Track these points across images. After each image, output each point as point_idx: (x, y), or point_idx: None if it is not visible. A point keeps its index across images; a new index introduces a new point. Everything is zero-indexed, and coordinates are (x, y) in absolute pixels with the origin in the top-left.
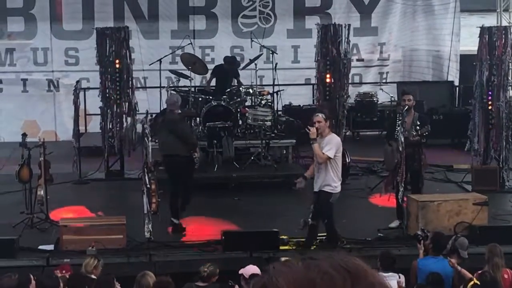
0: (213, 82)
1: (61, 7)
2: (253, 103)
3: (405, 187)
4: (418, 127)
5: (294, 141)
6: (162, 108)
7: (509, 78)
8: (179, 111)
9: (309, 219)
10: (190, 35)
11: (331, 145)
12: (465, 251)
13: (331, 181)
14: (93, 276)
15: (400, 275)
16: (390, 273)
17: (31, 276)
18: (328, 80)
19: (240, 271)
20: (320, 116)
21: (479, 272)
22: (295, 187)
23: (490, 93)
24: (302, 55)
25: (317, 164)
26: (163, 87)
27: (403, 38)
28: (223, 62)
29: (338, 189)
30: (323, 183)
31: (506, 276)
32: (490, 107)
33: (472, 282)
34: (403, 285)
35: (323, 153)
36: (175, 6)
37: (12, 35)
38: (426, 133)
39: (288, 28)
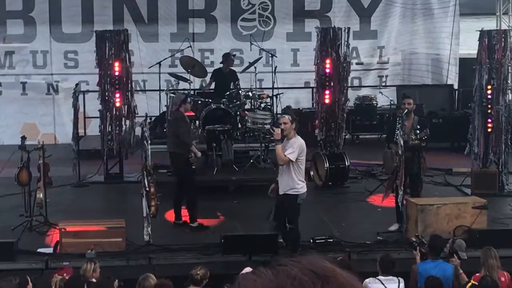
0: (212, 86)
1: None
2: (252, 106)
3: (405, 191)
4: (417, 131)
5: None
6: (161, 111)
7: (509, 81)
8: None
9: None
10: (190, 38)
11: (293, 148)
12: (464, 252)
13: (295, 184)
14: (94, 280)
15: (400, 279)
16: (389, 277)
17: (28, 278)
18: (328, 69)
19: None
20: (286, 118)
21: (477, 274)
22: (270, 194)
23: (489, 96)
24: (301, 58)
25: (281, 166)
26: (163, 90)
27: (402, 41)
28: (223, 65)
29: (303, 189)
30: (287, 187)
31: (503, 279)
32: (489, 111)
33: (470, 284)
34: None
35: (285, 155)
36: (175, 9)
37: (7, 39)
38: (425, 137)
39: (287, 31)
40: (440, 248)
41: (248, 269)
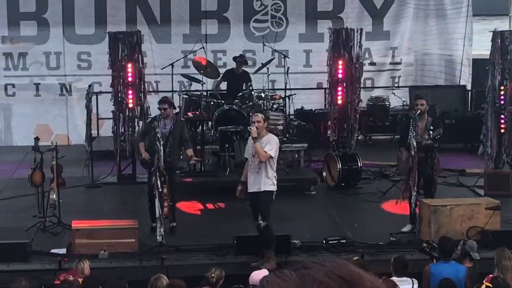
0: (224, 86)
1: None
2: (265, 107)
3: (418, 192)
4: (431, 132)
5: (306, 145)
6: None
7: None
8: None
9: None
10: (202, 39)
11: (272, 145)
12: (476, 253)
13: (271, 180)
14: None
15: (414, 280)
16: (403, 278)
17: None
18: (340, 70)
19: (252, 276)
20: (259, 116)
21: (490, 275)
22: (239, 195)
23: (502, 97)
24: (314, 59)
25: (255, 164)
26: (175, 91)
27: (415, 42)
28: (234, 66)
29: (276, 187)
30: (264, 183)
31: None
32: (502, 111)
33: (483, 286)
34: None
35: (265, 152)
36: (187, 11)
37: (14, 40)
38: (438, 136)
39: (300, 32)
40: (449, 250)
41: (259, 272)
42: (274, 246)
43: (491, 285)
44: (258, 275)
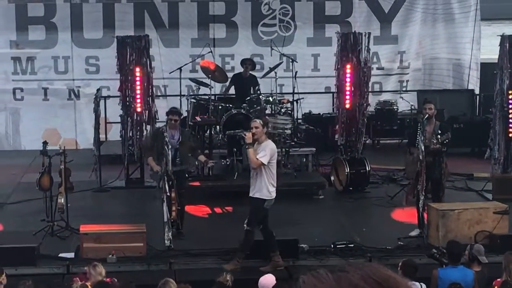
0: (232, 91)
1: None
2: (273, 111)
3: (426, 196)
4: (439, 136)
5: (314, 149)
6: (182, 117)
7: None
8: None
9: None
10: (210, 43)
11: (265, 152)
12: (484, 257)
13: (265, 187)
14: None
15: (423, 284)
16: (412, 282)
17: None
18: (348, 75)
19: (260, 280)
20: (257, 122)
21: (498, 280)
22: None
23: (510, 101)
24: (322, 64)
25: (252, 170)
26: (183, 95)
27: (423, 46)
28: (242, 69)
29: (273, 194)
30: (257, 190)
31: None
32: (510, 116)
33: None
34: None
35: (257, 159)
36: (195, 15)
37: (20, 45)
38: (446, 140)
39: (308, 37)
40: (457, 254)
41: (266, 277)
42: (248, 251)
43: None
44: (266, 279)
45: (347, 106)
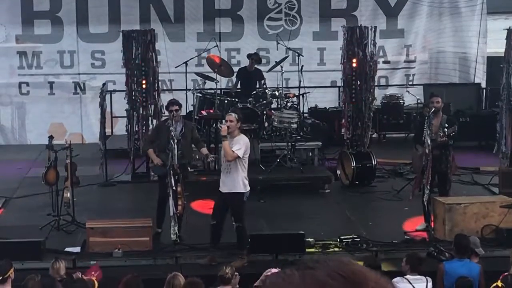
0: (238, 85)
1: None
2: (279, 106)
3: (431, 190)
4: (445, 129)
5: (320, 143)
6: (188, 111)
7: None
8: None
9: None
10: (216, 37)
11: (240, 145)
12: (480, 248)
13: (241, 181)
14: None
15: (428, 278)
16: (417, 276)
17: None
18: (354, 64)
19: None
20: (233, 116)
21: (505, 274)
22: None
23: None
24: (328, 58)
25: (226, 164)
26: (189, 89)
27: (429, 40)
28: (248, 64)
29: (248, 188)
30: (234, 184)
31: None
32: None
33: (494, 284)
34: None
35: (233, 151)
36: (201, 9)
37: (20, 39)
38: (453, 133)
39: (314, 31)
40: (465, 247)
41: (272, 270)
42: (248, 245)
43: (502, 284)
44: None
45: (353, 100)
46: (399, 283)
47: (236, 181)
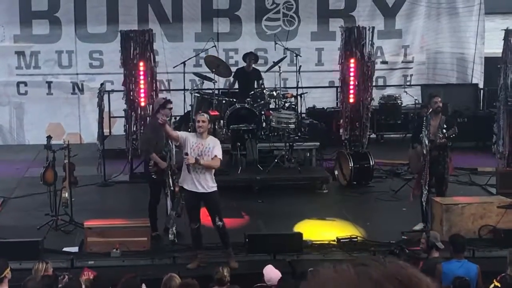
0: (236, 85)
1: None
2: (276, 106)
3: (429, 190)
4: (444, 130)
5: (318, 143)
6: (186, 111)
7: None
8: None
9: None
10: (214, 37)
11: (218, 148)
12: (440, 242)
13: (213, 178)
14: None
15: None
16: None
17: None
18: (352, 65)
19: (267, 273)
20: (205, 116)
21: (503, 274)
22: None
23: None
24: (326, 58)
25: (189, 166)
26: (187, 89)
27: (427, 40)
28: (245, 64)
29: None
30: (209, 183)
31: None
32: None
33: (492, 285)
34: None
35: (219, 159)
36: (199, 9)
37: (18, 39)
38: (453, 135)
39: (312, 31)
40: (462, 246)
41: (270, 267)
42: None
43: (500, 284)
44: (272, 271)
45: (351, 100)
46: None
47: (211, 179)
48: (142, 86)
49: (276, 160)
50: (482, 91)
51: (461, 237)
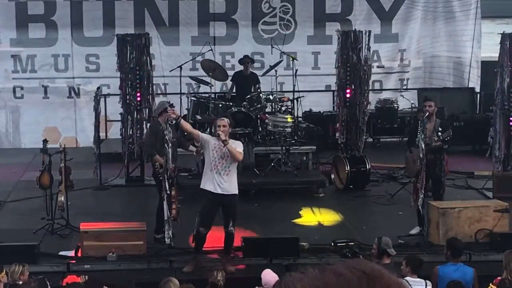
0: (233, 89)
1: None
2: (273, 110)
3: (425, 194)
4: (439, 133)
5: (315, 147)
6: (182, 115)
7: None
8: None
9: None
10: (211, 41)
11: (240, 145)
12: (392, 249)
13: (236, 181)
14: (20, 283)
15: (428, 281)
16: (417, 279)
17: (47, 282)
18: (349, 69)
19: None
20: (225, 121)
21: (498, 278)
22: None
23: (511, 99)
24: (322, 62)
25: (223, 165)
26: (184, 93)
27: (424, 44)
28: (242, 68)
29: None
30: (234, 185)
31: None
32: (511, 114)
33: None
34: None
35: (240, 152)
36: (196, 13)
37: (15, 43)
38: (448, 138)
39: (308, 35)
40: (460, 249)
41: (267, 271)
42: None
43: None
44: (270, 275)
45: (348, 104)
46: None
47: (235, 183)
48: (138, 90)
49: (272, 164)
50: (478, 95)
51: (459, 241)
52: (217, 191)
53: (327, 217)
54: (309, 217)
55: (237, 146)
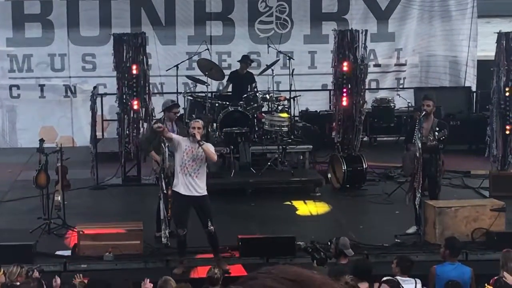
0: (229, 88)
1: None
2: (269, 109)
3: (422, 193)
4: (436, 133)
5: (311, 146)
6: (178, 114)
7: None
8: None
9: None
10: (207, 40)
11: (212, 147)
12: (350, 249)
13: (205, 183)
14: (18, 283)
15: (417, 279)
16: (407, 278)
17: (42, 281)
18: (345, 68)
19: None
20: (200, 122)
21: (495, 277)
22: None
23: (507, 98)
24: (319, 61)
25: (193, 168)
26: (180, 93)
27: (420, 43)
28: (239, 67)
29: None
30: (203, 187)
31: None
32: (507, 113)
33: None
34: None
35: (214, 153)
36: (192, 12)
37: (8, 43)
38: (443, 137)
39: (304, 34)
40: (458, 249)
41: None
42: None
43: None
44: None
45: (344, 103)
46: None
47: (204, 184)
48: (134, 89)
49: (269, 163)
50: (475, 94)
51: (457, 241)
52: (189, 193)
53: (323, 216)
54: (306, 216)
55: (210, 147)
